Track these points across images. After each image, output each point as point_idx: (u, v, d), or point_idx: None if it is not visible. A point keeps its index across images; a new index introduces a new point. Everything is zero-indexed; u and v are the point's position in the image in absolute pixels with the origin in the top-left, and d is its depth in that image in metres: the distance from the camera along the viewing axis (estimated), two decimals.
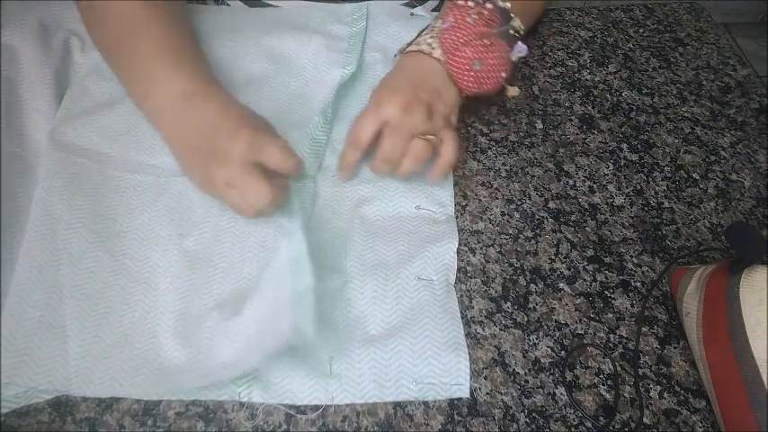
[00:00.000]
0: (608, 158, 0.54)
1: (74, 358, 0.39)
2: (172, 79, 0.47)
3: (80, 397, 0.39)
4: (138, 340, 0.41)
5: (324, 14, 0.62)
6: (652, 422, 0.39)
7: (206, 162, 0.44)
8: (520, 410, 0.39)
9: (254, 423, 0.38)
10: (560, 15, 0.67)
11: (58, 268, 0.43)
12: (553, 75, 0.61)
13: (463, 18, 0.48)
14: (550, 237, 0.48)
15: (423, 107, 0.46)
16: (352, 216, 0.48)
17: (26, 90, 0.53)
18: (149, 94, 0.48)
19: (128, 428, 0.38)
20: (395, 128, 0.46)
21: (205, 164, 0.44)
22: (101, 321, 0.41)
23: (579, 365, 0.41)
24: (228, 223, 0.47)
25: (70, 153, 0.49)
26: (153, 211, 0.47)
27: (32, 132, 0.51)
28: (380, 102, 0.46)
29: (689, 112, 0.58)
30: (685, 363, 0.41)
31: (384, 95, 0.47)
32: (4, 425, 0.38)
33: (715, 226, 0.49)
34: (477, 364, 0.41)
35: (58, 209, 0.45)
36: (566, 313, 0.44)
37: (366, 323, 0.42)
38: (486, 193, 0.51)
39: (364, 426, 0.38)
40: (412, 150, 0.46)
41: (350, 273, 0.44)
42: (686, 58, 0.63)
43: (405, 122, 0.45)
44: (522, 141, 0.55)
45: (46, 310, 0.41)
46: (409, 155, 0.46)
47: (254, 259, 0.45)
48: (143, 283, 0.43)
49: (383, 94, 0.47)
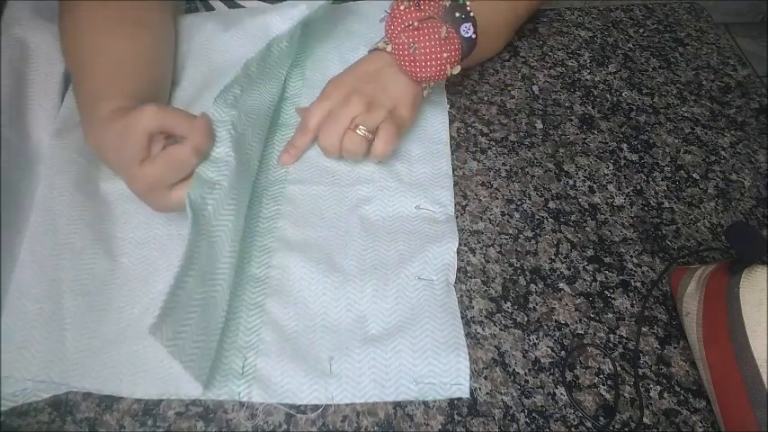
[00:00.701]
0: (608, 158, 0.54)
1: (71, 352, 0.40)
2: (105, 100, 0.46)
3: (80, 397, 0.39)
4: (138, 337, 0.41)
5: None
6: (652, 422, 0.39)
7: (124, 172, 0.43)
8: (520, 410, 0.39)
9: (254, 423, 0.38)
10: (560, 15, 0.67)
11: (57, 263, 0.43)
12: (553, 75, 0.61)
13: (397, 6, 0.49)
14: (550, 237, 0.48)
15: (362, 99, 0.48)
16: (352, 216, 0.48)
17: (34, 86, 0.53)
18: (85, 111, 0.47)
19: (128, 428, 0.38)
20: (333, 117, 0.49)
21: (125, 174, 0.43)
22: (99, 317, 0.41)
23: (579, 365, 0.41)
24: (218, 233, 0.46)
25: (72, 152, 0.49)
26: (150, 212, 0.47)
27: (36, 129, 0.51)
28: (325, 93, 0.50)
29: (689, 112, 0.58)
30: (685, 363, 0.41)
31: (329, 87, 0.51)
32: (3, 425, 0.38)
33: (715, 226, 0.49)
34: (477, 364, 0.41)
35: (60, 206, 0.46)
36: (566, 313, 0.44)
37: (366, 323, 0.42)
38: (486, 193, 0.51)
39: (364, 426, 0.38)
40: (345, 140, 0.48)
41: (350, 272, 0.44)
42: (686, 58, 0.63)
43: (342, 113, 0.48)
44: (522, 141, 0.55)
45: (45, 304, 0.41)
46: (343, 145, 0.49)
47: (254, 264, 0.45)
48: (141, 281, 0.43)
49: (329, 86, 0.51)
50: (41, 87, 0.53)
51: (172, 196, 0.42)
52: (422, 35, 0.48)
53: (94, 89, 0.47)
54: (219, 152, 0.42)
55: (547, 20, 0.67)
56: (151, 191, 0.41)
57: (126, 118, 0.42)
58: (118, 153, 0.42)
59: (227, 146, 0.42)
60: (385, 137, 0.48)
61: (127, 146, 0.41)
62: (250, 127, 0.46)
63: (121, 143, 0.42)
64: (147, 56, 0.52)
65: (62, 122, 0.51)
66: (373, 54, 0.52)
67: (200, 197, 0.39)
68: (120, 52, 0.50)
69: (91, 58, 0.49)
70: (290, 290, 0.44)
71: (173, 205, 0.42)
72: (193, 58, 0.58)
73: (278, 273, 0.44)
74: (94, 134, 0.45)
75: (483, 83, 0.59)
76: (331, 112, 0.49)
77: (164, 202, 0.42)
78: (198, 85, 0.57)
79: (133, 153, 0.41)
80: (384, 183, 0.50)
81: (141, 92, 0.48)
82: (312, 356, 0.40)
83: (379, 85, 0.50)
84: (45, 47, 0.54)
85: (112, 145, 0.43)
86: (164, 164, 0.40)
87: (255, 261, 0.45)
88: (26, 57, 0.53)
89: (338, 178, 0.51)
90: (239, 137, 0.44)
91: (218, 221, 0.40)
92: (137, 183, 0.42)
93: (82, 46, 0.50)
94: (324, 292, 0.43)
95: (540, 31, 0.65)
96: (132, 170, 0.41)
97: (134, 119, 0.41)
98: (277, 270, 0.45)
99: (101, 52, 0.49)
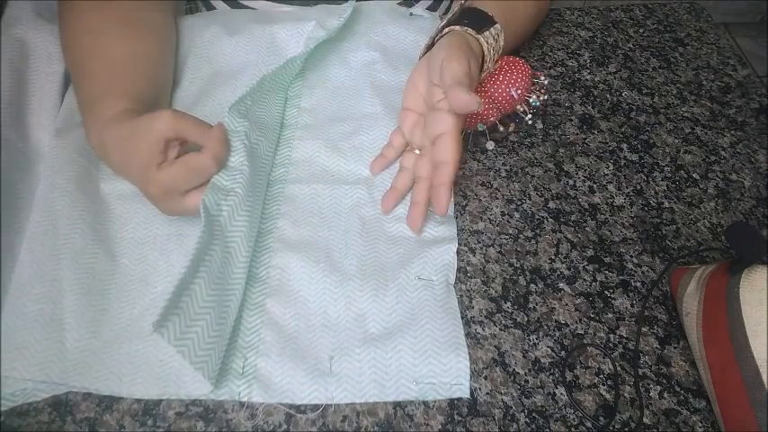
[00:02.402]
0: (608, 158, 0.54)
1: (71, 352, 0.40)
2: (108, 100, 0.46)
3: (80, 397, 0.39)
4: (137, 338, 0.41)
5: (317, 13, 0.62)
6: (652, 422, 0.39)
7: (135, 175, 0.43)
8: (520, 410, 0.39)
9: (254, 423, 0.38)
10: (560, 15, 0.67)
11: (58, 263, 0.43)
12: (553, 75, 0.61)
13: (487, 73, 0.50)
14: (550, 237, 0.48)
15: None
16: (352, 216, 0.48)
17: (34, 86, 0.53)
18: (86, 110, 0.47)
19: (128, 428, 0.38)
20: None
21: (136, 177, 0.44)
22: (99, 317, 0.41)
23: (579, 365, 0.41)
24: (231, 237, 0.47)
25: (73, 152, 0.49)
26: (150, 212, 0.47)
27: (36, 129, 0.51)
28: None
29: (689, 112, 0.58)
30: (685, 363, 0.41)
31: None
32: (3, 425, 0.38)
33: (715, 226, 0.49)
34: (477, 364, 0.41)
35: (60, 205, 0.45)
36: (566, 313, 0.44)
37: (366, 323, 0.42)
38: (486, 193, 0.51)
39: (364, 426, 0.38)
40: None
41: (350, 272, 0.44)
42: (686, 58, 0.63)
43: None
44: (522, 141, 0.55)
45: (45, 304, 0.41)
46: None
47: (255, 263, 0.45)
48: (141, 281, 0.43)
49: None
50: (41, 87, 0.53)
51: (186, 202, 0.42)
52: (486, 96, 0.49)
53: (96, 89, 0.47)
54: (234, 161, 0.43)
55: (547, 20, 0.67)
56: (167, 195, 0.42)
57: (137, 121, 0.42)
58: (126, 155, 0.43)
59: (241, 155, 0.43)
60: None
61: (140, 149, 0.41)
62: (263, 138, 0.47)
63: (132, 146, 0.42)
64: (149, 56, 0.52)
65: (62, 122, 0.51)
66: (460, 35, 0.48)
67: (216, 203, 0.40)
68: (122, 52, 0.50)
69: (91, 57, 0.49)
70: (290, 290, 0.44)
71: (186, 210, 0.43)
72: (194, 59, 0.59)
73: (278, 273, 0.44)
74: (97, 134, 0.45)
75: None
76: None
77: (177, 206, 0.43)
78: (198, 87, 0.57)
79: (149, 157, 0.41)
80: (384, 184, 0.50)
81: (143, 92, 0.48)
82: (312, 356, 0.40)
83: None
84: (45, 47, 0.54)
85: (119, 146, 0.43)
86: (182, 170, 0.41)
87: (256, 261, 0.45)
88: (26, 56, 0.53)
89: (338, 178, 0.51)
90: (252, 147, 0.45)
91: (233, 227, 0.41)
92: (151, 186, 0.42)
93: (81, 46, 0.50)
94: (324, 292, 0.43)
95: (540, 31, 0.65)
96: (147, 173, 0.41)
97: (149, 123, 0.41)
98: (277, 270, 0.45)
99: (101, 52, 0.49)
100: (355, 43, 0.60)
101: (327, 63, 0.59)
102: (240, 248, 0.41)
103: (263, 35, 0.59)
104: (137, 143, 0.41)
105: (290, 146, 0.53)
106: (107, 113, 0.45)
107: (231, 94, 0.55)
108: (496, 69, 0.51)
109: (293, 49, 0.58)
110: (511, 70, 0.51)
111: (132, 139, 0.42)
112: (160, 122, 0.41)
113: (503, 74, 0.51)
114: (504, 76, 0.51)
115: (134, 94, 0.47)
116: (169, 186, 0.41)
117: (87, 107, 0.47)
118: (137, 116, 0.43)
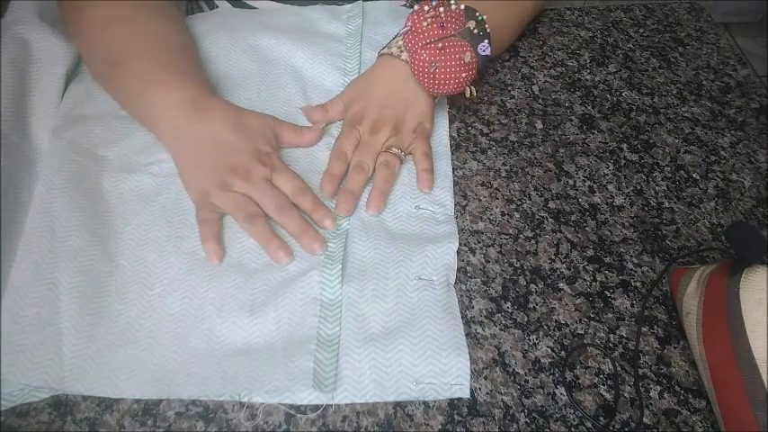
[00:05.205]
0: (608, 158, 0.54)
1: (68, 356, 0.39)
2: (174, 87, 0.48)
3: (80, 397, 0.39)
4: (135, 341, 0.41)
5: (319, 14, 0.62)
6: (652, 422, 0.39)
7: (205, 169, 0.46)
8: (520, 410, 0.39)
9: (254, 423, 0.38)
10: (560, 15, 0.67)
11: (55, 265, 0.43)
12: (553, 75, 0.61)
13: (420, 22, 0.49)
14: (550, 237, 0.48)
15: (390, 125, 0.51)
16: (353, 216, 0.48)
17: (35, 86, 0.53)
18: (151, 99, 0.48)
19: (128, 428, 0.38)
20: (365, 145, 0.50)
21: (203, 171, 0.46)
22: (96, 320, 0.41)
23: (579, 365, 0.41)
24: (225, 225, 0.47)
25: (71, 152, 0.49)
26: (150, 213, 0.47)
27: (36, 128, 0.51)
28: (352, 119, 0.52)
29: (689, 112, 0.58)
30: (685, 363, 0.41)
31: (355, 113, 0.52)
32: (3, 425, 0.38)
33: (715, 226, 0.49)
34: (478, 364, 0.41)
35: (58, 207, 0.45)
36: (566, 313, 0.44)
37: (366, 323, 0.42)
38: (486, 193, 0.51)
39: (364, 426, 0.38)
40: (379, 161, 0.50)
41: (350, 272, 0.44)
42: (686, 58, 0.63)
43: (373, 141, 0.50)
44: (522, 141, 0.55)
45: (42, 308, 0.41)
46: (378, 168, 0.50)
47: (255, 261, 0.45)
48: (139, 283, 0.43)
49: (354, 111, 0.52)
50: (43, 87, 0.53)
51: (205, 228, 0.45)
52: (444, 56, 0.48)
53: (147, 72, 0.49)
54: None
55: (547, 20, 0.67)
56: (212, 202, 0.46)
57: (237, 113, 0.48)
58: (211, 144, 0.47)
59: None
60: (421, 154, 0.50)
61: (241, 142, 0.47)
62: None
63: (234, 136, 0.47)
64: (180, 39, 0.54)
65: (61, 121, 0.51)
66: (389, 61, 0.52)
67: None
68: (157, 35, 0.52)
69: (127, 45, 0.50)
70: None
71: (198, 220, 0.46)
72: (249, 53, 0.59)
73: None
74: (165, 116, 0.48)
75: (483, 83, 0.59)
76: (361, 142, 0.51)
77: (203, 213, 0.45)
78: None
79: (255, 152, 0.47)
80: None
81: (202, 84, 0.51)
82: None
83: (402, 104, 0.52)
84: (47, 47, 0.54)
85: (199, 133, 0.47)
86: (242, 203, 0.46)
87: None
88: (28, 56, 0.53)
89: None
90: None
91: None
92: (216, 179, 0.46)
93: (111, 38, 0.51)
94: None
95: (540, 31, 0.65)
96: (249, 163, 0.46)
97: (252, 121, 0.49)
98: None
99: (136, 38, 0.51)
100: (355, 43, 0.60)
101: (325, 66, 0.59)
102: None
103: (268, 45, 0.59)
104: (239, 133, 0.47)
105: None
106: (176, 96, 0.48)
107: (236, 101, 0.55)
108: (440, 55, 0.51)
109: (299, 59, 0.58)
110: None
111: (241, 127, 0.48)
112: (263, 123, 0.49)
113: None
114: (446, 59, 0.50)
115: (197, 77, 0.51)
116: (231, 206, 0.46)
117: (138, 92, 0.49)
118: (230, 110, 0.49)
